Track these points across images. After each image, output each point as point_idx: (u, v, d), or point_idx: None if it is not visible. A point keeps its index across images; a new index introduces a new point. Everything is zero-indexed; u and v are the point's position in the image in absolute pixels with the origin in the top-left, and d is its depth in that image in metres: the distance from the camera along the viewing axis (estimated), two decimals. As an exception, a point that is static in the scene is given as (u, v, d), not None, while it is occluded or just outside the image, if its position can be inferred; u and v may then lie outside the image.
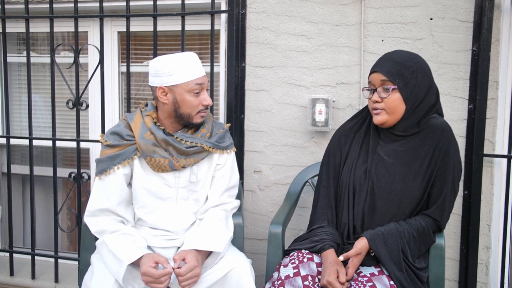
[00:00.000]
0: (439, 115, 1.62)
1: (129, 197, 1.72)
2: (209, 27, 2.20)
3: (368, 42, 2.10)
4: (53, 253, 2.49)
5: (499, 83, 1.99)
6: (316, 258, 1.58)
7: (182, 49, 2.21)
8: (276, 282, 1.51)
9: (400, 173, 1.56)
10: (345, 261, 1.54)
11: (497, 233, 2.06)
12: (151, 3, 2.24)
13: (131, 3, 2.29)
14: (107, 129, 2.18)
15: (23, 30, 2.41)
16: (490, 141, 2.01)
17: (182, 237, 1.73)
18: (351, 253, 1.52)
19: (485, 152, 1.98)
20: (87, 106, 2.35)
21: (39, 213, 2.83)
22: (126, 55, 2.29)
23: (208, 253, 1.61)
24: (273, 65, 2.22)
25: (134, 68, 2.56)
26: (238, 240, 1.81)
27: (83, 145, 2.52)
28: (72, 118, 2.58)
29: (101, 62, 2.30)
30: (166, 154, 1.66)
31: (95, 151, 2.59)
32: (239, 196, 1.91)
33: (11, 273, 2.55)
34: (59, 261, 2.49)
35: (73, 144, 2.43)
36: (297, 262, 1.55)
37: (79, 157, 2.39)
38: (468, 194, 2.01)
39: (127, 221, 1.70)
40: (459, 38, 2.00)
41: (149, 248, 1.68)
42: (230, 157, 1.80)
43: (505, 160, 1.99)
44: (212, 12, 2.17)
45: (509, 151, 1.96)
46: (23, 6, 2.38)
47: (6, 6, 2.46)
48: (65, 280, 2.50)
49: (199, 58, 1.70)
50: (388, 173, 1.56)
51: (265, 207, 2.31)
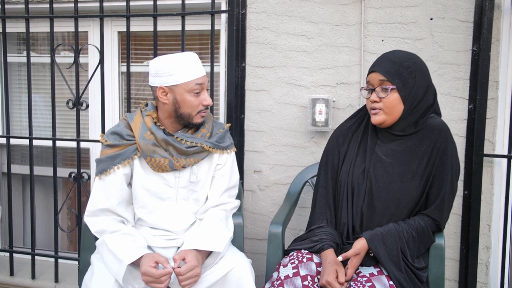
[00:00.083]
0: (436, 115, 1.62)
1: (129, 197, 1.72)
2: (209, 27, 2.20)
3: (368, 42, 2.10)
4: (53, 253, 2.49)
5: (499, 83, 1.99)
6: (316, 258, 1.58)
7: (182, 49, 2.21)
8: (275, 282, 1.51)
9: (398, 173, 1.56)
10: (344, 261, 1.54)
11: (497, 233, 2.06)
12: (151, 3, 2.24)
13: (131, 3, 2.29)
14: (107, 129, 2.18)
15: (23, 30, 2.41)
16: (490, 141, 2.01)
17: (182, 237, 1.73)
18: (350, 253, 1.52)
19: (485, 152, 1.98)
20: (87, 106, 2.35)
21: (39, 213, 2.83)
22: (126, 55, 2.29)
23: (208, 253, 1.61)
24: (273, 65, 2.22)
25: (134, 68, 2.56)
26: (238, 240, 1.81)
27: (83, 145, 2.52)
28: (72, 118, 2.58)
29: (101, 62, 2.30)
30: (166, 154, 1.66)
31: (95, 151, 2.60)
32: (239, 196, 1.91)
33: (11, 273, 2.55)
34: (59, 261, 2.49)
35: (73, 144, 2.43)
36: (296, 262, 1.55)
37: (79, 157, 2.39)
38: (468, 194, 2.01)
39: (127, 221, 1.70)
40: (459, 38, 2.00)
41: (149, 248, 1.68)
42: (230, 157, 1.80)
43: (505, 160, 1.99)
44: (212, 12, 2.17)
45: (509, 151, 1.96)
46: (23, 6, 2.38)
47: (6, 6, 2.46)
48: (65, 280, 2.50)
49: (199, 58, 1.71)
50: (386, 173, 1.56)
51: (265, 207, 2.31)
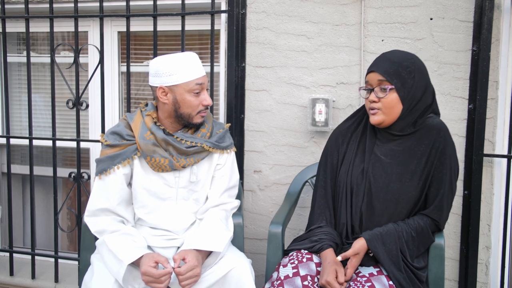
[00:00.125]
0: (435, 114, 1.62)
1: (129, 197, 1.72)
2: (209, 27, 2.20)
3: (368, 42, 2.10)
4: (53, 253, 2.49)
5: (499, 83, 1.99)
6: (315, 258, 1.58)
7: (182, 49, 2.21)
8: (275, 282, 1.51)
9: (397, 173, 1.56)
10: (344, 261, 1.54)
11: (497, 233, 2.06)
12: (151, 3, 2.24)
13: (131, 3, 2.29)
14: (107, 129, 2.18)
15: (23, 30, 2.41)
16: (490, 141, 2.01)
17: (182, 237, 1.73)
18: (349, 253, 1.52)
19: (485, 152, 1.98)
20: (87, 106, 2.35)
21: (39, 213, 2.82)
22: (126, 55, 2.29)
23: (208, 253, 1.61)
24: (273, 65, 2.22)
25: (134, 68, 2.56)
26: (238, 240, 1.81)
27: (83, 145, 2.52)
28: (72, 118, 2.58)
29: (101, 62, 2.30)
30: (166, 154, 1.66)
31: (95, 151, 2.59)
32: (239, 196, 1.91)
33: (11, 273, 2.54)
34: (59, 261, 2.49)
35: (73, 144, 2.42)
36: (296, 262, 1.55)
37: (79, 157, 2.39)
38: (468, 194, 2.01)
39: (127, 221, 1.70)
40: (459, 38, 2.00)
41: (149, 248, 1.68)
42: (230, 157, 1.80)
43: (505, 160, 1.99)
44: (212, 12, 2.17)
45: (509, 151, 1.96)
46: (23, 6, 2.38)
47: (6, 6, 2.46)
48: (65, 280, 2.50)
49: (199, 58, 1.71)
50: (385, 173, 1.56)
51: (265, 207, 2.31)
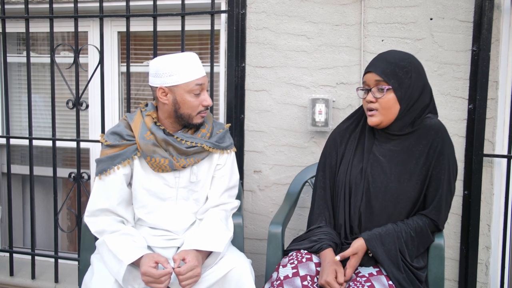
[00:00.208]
0: (433, 114, 1.62)
1: (129, 197, 1.72)
2: (209, 27, 2.20)
3: (368, 42, 2.10)
4: (53, 253, 2.49)
5: (499, 83, 1.99)
6: (315, 258, 1.58)
7: (182, 49, 2.21)
8: (275, 283, 1.51)
9: (396, 173, 1.56)
10: (343, 261, 1.54)
11: (497, 233, 2.06)
12: (151, 3, 2.24)
13: (131, 3, 2.29)
14: (107, 129, 2.18)
15: (23, 30, 2.41)
16: (490, 141, 2.01)
17: (182, 237, 1.73)
18: (347, 252, 1.52)
19: (485, 152, 1.98)
20: (87, 106, 2.35)
21: (39, 213, 2.82)
22: (126, 55, 2.29)
23: (208, 253, 1.61)
24: (273, 65, 2.22)
25: (134, 68, 2.56)
26: (238, 240, 1.81)
27: (83, 145, 2.52)
28: (72, 118, 2.58)
29: (101, 62, 2.30)
30: (166, 154, 1.66)
31: (95, 151, 2.59)
32: (239, 196, 1.91)
33: (11, 273, 2.54)
34: (59, 261, 2.49)
35: (73, 144, 2.42)
36: (296, 262, 1.55)
37: (79, 157, 2.39)
38: (468, 194, 2.01)
39: (127, 221, 1.70)
40: (459, 38, 2.00)
41: (149, 248, 1.68)
42: (230, 157, 1.80)
43: (505, 160, 1.99)
44: (212, 12, 2.17)
45: (509, 151, 1.96)
46: (23, 6, 2.38)
47: (6, 6, 2.46)
48: (65, 280, 2.50)
49: (199, 58, 1.70)
50: (383, 173, 1.56)
51: (265, 207, 2.31)
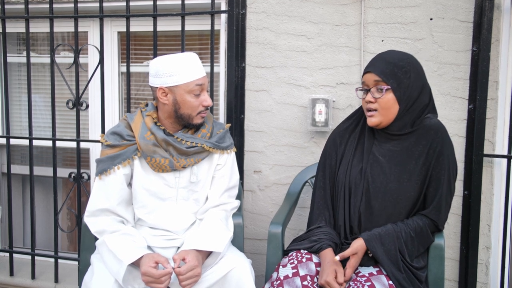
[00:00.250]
0: (433, 114, 1.62)
1: (129, 197, 1.72)
2: (209, 27, 2.20)
3: (368, 42, 2.10)
4: (53, 253, 2.49)
5: (499, 83, 1.99)
6: (315, 258, 1.58)
7: (182, 49, 2.21)
8: (275, 283, 1.51)
9: (395, 173, 1.56)
10: (343, 261, 1.54)
11: (497, 233, 2.06)
12: (151, 3, 2.24)
13: (131, 3, 2.29)
14: (107, 129, 2.18)
15: (23, 30, 2.41)
16: (490, 141, 2.01)
17: (182, 237, 1.73)
18: (347, 252, 1.52)
19: (485, 152, 1.98)
20: (87, 106, 2.35)
21: (39, 213, 2.82)
22: (126, 55, 2.29)
23: (208, 253, 1.61)
24: (273, 65, 2.22)
25: (134, 68, 2.56)
26: (238, 240, 1.81)
27: (83, 145, 2.52)
28: (72, 118, 2.58)
29: (101, 62, 2.30)
30: (167, 154, 1.66)
31: (95, 151, 2.59)
32: (239, 196, 1.91)
33: (11, 273, 2.54)
34: (59, 261, 2.49)
35: (73, 144, 2.42)
36: (296, 262, 1.55)
37: (79, 157, 2.39)
38: (468, 194, 2.01)
39: (127, 221, 1.70)
40: (459, 38, 2.00)
41: (149, 248, 1.68)
42: (230, 157, 1.80)
43: (505, 160, 1.99)
44: (212, 12, 2.17)
45: (509, 151, 1.96)
46: (23, 6, 2.38)
47: (6, 6, 2.46)
48: (65, 280, 2.50)
49: (199, 58, 1.70)
50: (383, 173, 1.56)
51: (265, 207, 2.31)
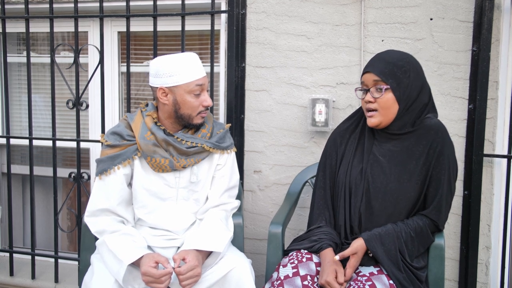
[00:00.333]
0: (433, 114, 1.62)
1: (129, 197, 1.72)
2: (209, 27, 2.20)
3: (368, 42, 2.10)
4: (53, 253, 2.49)
5: (499, 83, 1.99)
6: (315, 258, 1.58)
7: (182, 49, 2.21)
8: (275, 282, 1.51)
9: (395, 173, 1.56)
10: (343, 261, 1.54)
11: (497, 233, 2.06)
12: (151, 3, 2.24)
13: (131, 3, 2.29)
14: (107, 129, 2.18)
15: (23, 30, 2.41)
16: (490, 141, 2.01)
17: (182, 237, 1.73)
18: (347, 252, 1.52)
19: (485, 152, 1.98)
20: (87, 106, 2.35)
21: (39, 213, 2.82)
22: (126, 55, 2.29)
23: (208, 253, 1.61)
24: (273, 65, 2.22)
25: (134, 68, 2.56)
26: (238, 240, 1.81)
27: (83, 145, 2.52)
28: (72, 118, 2.58)
29: (101, 62, 2.30)
30: (167, 154, 1.66)
31: (95, 151, 2.59)
32: (239, 196, 1.91)
33: (11, 273, 2.54)
34: (59, 261, 2.49)
35: (73, 144, 2.42)
36: (296, 262, 1.55)
37: (79, 157, 2.39)
38: (468, 194, 2.01)
39: (127, 221, 1.70)
40: (459, 38, 2.00)
41: (149, 248, 1.68)
42: (230, 157, 1.80)
43: (505, 160, 1.99)
44: (212, 12, 2.17)
45: (509, 151, 1.96)
46: (23, 6, 2.38)
47: (6, 6, 2.46)
48: (65, 280, 2.50)
49: (199, 58, 1.70)
50: (383, 173, 1.56)
51: (265, 207, 2.31)
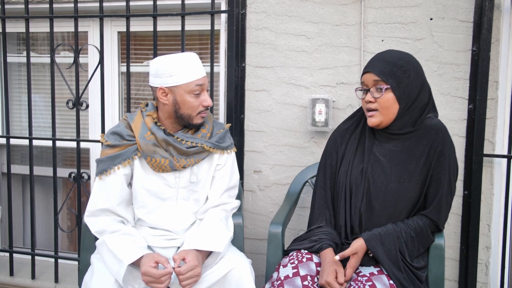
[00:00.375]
0: (433, 113, 1.62)
1: (129, 197, 1.72)
2: (209, 27, 2.20)
3: (368, 42, 2.10)
4: (53, 253, 2.49)
5: (499, 83, 1.99)
6: (315, 258, 1.58)
7: (182, 49, 2.21)
8: (275, 283, 1.51)
9: (396, 173, 1.55)
10: (344, 261, 1.54)
11: (497, 233, 2.06)
12: (151, 3, 2.24)
13: (131, 3, 2.29)
14: (107, 129, 2.18)
15: (23, 30, 2.41)
16: (490, 141, 2.01)
17: (182, 237, 1.73)
18: (347, 252, 1.52)
19: (485, 152, 1.98)
20: (87, 106, 2.35)
21: (39, 213, 2.82)
22: (126, 55, 2.29)
23: (208, 253, 1.61)
24: (273, 65, 2.22)
25: (134, 68, 2.56)
26: (238, 240, 1.81)
27: (83, 145, 2.52)
28: (72, 118, 2.58)
29: (101, 62, 2.30)
30: (167, 154, 1.66)
31: (95, 151, 2.59)
32: (239, 196, 1.91)
33: (11, 273, 2.54)
34: (59, 261, 2.49)
35: (73, 144, 2.42)
36: (296, 262, 1.55)
37: (79, 157, 2.39)
38: (468, 194, 2.01)
39: (127, 221, 1.70)
40: (459, 38, 2.00)
41: (149, 248, 1.68)
42: (230, 157, 1.80)
43: (505, 160, 1.99)
44: (212, 12, 2.17)
45: (509, 151, 1.96)
46: (23, 6, 2.38)
47: (6, 6, 2.46)
48: (65, 280, 2.50)
49: (199, 58, 1.70)
50: (384, 173, 1.56)
51: (265, 207, 2.31)
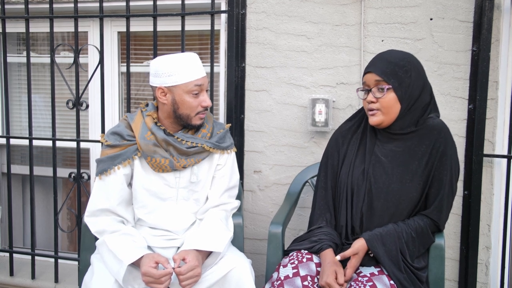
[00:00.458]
0: (435, 113, 1.62)
1: (129, 197, 1.72)
2: (209, 27, 2.20)
3: (368, 42, 2.10)
4: (53, 253, 2.49)
5: (499, 83, 1.99)
6: (316, 258, 1.58)
7: (182, 49, 2.21)
8: (275, 283, 1.51)
9: (398, 173, 1.56)
10: (344, 261, 1.54)
11: (497, 233, 2.06)
12: (151, 3, 2.24)
13: (131, 3, 2.29)
14: (107, 129, 2.18)
15: (23, 30, 2.41)
16: (490, 141, 2.01)
17: (182, 237, 1.73)
18: (348, 252, 1.52)
19: (485, 152, 1.98)
20: (87, 106, 2.35)
21: (39, 213, 2.82)
22: (126, 55, 2.29)
23: (208, 253, 1.61)
24: (273, 65, 2.22)
25: (134, 68, 2.56)
26: (238, 240, 1.81)
27: (83, 145, 2.52)
28: (72, 118, 2.58)
29: (101, 62, 2.30)
30: (167, 154, 1.66)
31: (95, 151, 2.59)
32: (239, 196, 1.91)
33: (11, 273, 2.54)
34: (59, 261, 2.49)
35: (73, 144, 2.42)
36: (296, 262, 1.55)
37: (79, 157, 2.39)
38: (468, 194, 2.01)
39: (127, 221, 1.70)
40: (459, 38, 2.00)
41: (149, 248, 1.68)
42: (231, 157, 1.80)
43: (505, 160, 1.99)
44: (212, 12, 2.17)
45: (509, 151, 1.96)
46: (23, 6, 2.38)
47: (6, 6, 2.46)
48: (65, 280, 2.50)
49: (199, 59, 1.70)
50: (385, 174, 1.56)
51: (265, 207, 2.31)
